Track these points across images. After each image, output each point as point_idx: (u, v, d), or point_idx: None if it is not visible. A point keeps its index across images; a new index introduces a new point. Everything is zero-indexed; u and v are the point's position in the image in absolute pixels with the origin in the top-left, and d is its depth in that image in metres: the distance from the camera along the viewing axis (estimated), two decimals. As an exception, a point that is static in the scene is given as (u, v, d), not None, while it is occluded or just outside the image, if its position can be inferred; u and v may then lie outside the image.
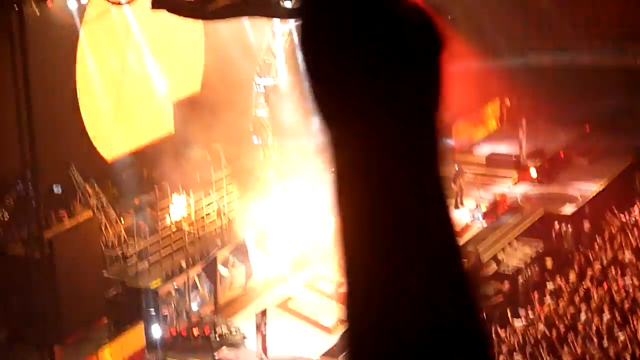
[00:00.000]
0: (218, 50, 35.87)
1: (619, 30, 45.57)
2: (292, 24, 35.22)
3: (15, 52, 27.44)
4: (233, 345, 30.39)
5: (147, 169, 33.87)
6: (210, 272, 32.72)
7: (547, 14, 43.72)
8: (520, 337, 29.16)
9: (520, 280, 33.93)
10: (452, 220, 2.71)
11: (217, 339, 30.72)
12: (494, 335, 30.08)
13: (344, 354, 3.08)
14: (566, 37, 44.19)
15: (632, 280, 31.15)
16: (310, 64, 2.69)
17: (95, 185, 31.14)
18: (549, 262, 35.35)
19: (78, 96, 31.65)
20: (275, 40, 34.95)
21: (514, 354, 27.99)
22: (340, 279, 2.69)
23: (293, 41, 35.83)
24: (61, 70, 31.04)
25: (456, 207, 39.61)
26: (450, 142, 42.69)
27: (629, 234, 34.75)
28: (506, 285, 33.68)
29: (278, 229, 34.83)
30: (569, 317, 29.74)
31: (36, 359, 27.94)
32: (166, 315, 31.03)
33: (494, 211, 38.75)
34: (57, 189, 30.32)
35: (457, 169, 40.02)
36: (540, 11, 43.90)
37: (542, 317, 29.99)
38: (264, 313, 29.82)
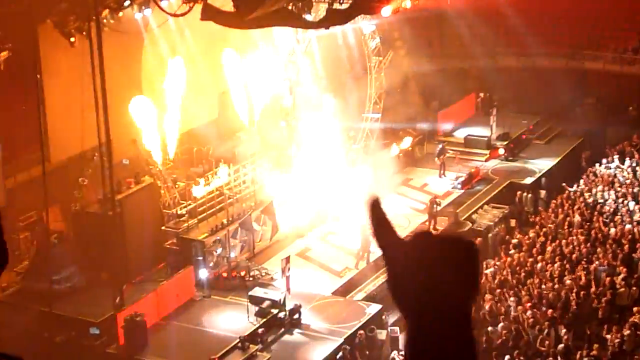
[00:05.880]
0: (253, 52, 35.60)
1: (569, 40, 45.25)
2: (311, 33, 35.04)
3: (94, 52, 27.23)
4: (263, 284, 30.19)
5: (197, 145, 33.61)
6: (246, 227, 32.51)
7: (512, 27, 43.37)
8: (490, 280, 29.09)
9: (490, 236, 33.86)
10: None
11: (251, 280, 30.62)
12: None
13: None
14: (528, 45, 43.88)
15: (577, 237, 30.98)
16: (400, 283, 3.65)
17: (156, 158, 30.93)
18: (512, 222, 35.22)
19: (142, 87, 31.44)
20: (298, 45, 34.69)
21: (485, 295, 27.82)
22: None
23: (311, 45, 35.64)
24: (129, 67, 30.85)
25: (440, 177, 39.49)
26: (437, 125, 42.63)
27: (576, 199, 34.56)
28: (479, 240, 33.59)
29: (299, 193, 34.72)
30: (528, 265, 29.64)
31: (108, 296, 27.74)
32: (211, 261, 30.85)
33: (470, 181, 38.52)
34: (125, 162, 30.10)
35: (441, 147, 39.85)
36: (507, 25, 43.54)
37: (507, 266, 29.84)
38: (287, 260, 29.63)
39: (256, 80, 33.79)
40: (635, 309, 26.21)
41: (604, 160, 37.81)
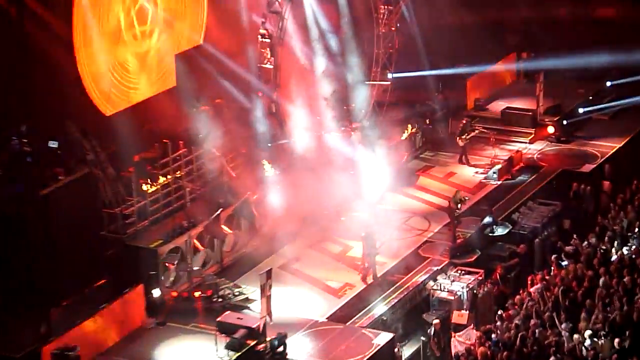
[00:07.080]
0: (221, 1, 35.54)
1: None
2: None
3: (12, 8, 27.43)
4: (236, 307, 30.11)
5: (147, 124, 33.50)
6: (213, 231, 32.43)
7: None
8: (537, 300, 28.95)
9: (537, 241, 33.63)
10: None
11: (220, 301, 30.55)
12: (509, 299, 29.93)
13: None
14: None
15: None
16: None
17: (93, 141, 30.78)
18: (566, 223, 35.05)
19: (75, 49, 31.32)
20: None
21: (530, 319, 27.77)
22: None
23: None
24: (58, 24, 30.76)
25: (462, 162, 39.24)
26: (465, 96, 42.57)
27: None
28: (522, 247, 33.39)
29: (284, 185, 34.53)
30: (587, 280, 29.44)
31: (31, 323, 27.69)
32: (167, 277, 30.83)
33: (508, 169, 38.43)
34: (53, 145, 30.05)
35: (465, 123, 39.67)
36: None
37: (559, 281, 29.71)
38: (268, 274, 29.33)
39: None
40: None
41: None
